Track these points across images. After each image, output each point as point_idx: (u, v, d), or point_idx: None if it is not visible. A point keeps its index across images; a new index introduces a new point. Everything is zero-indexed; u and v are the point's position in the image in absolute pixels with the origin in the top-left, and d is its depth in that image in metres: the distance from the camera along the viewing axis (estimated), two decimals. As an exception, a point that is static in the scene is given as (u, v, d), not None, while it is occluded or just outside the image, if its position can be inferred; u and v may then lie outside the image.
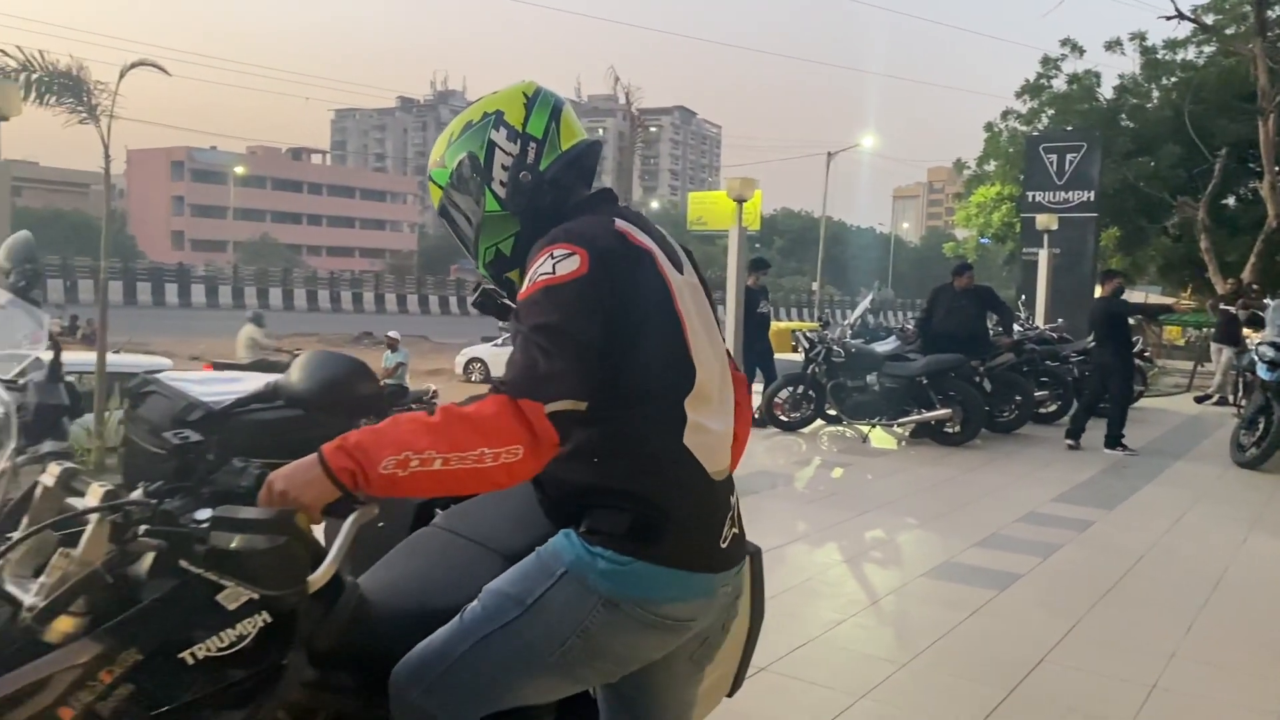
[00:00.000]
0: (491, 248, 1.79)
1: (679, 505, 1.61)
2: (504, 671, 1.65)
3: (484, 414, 1.43)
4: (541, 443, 1.45)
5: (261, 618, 1.48)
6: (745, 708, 2.95)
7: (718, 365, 1.74)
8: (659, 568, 1.60)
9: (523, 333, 1.51)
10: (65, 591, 1.30)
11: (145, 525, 1.32)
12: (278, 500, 1.34)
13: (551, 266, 1.55)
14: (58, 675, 1.28)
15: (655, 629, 1.64)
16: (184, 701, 1.39)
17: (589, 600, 1.59)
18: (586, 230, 1.61)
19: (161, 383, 1.52)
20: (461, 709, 1.66)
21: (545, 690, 1.73)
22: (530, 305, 1.53)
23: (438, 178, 1.81)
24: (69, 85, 6.86)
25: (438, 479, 1.40)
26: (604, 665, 1.68)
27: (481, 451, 1.41)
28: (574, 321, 1.51)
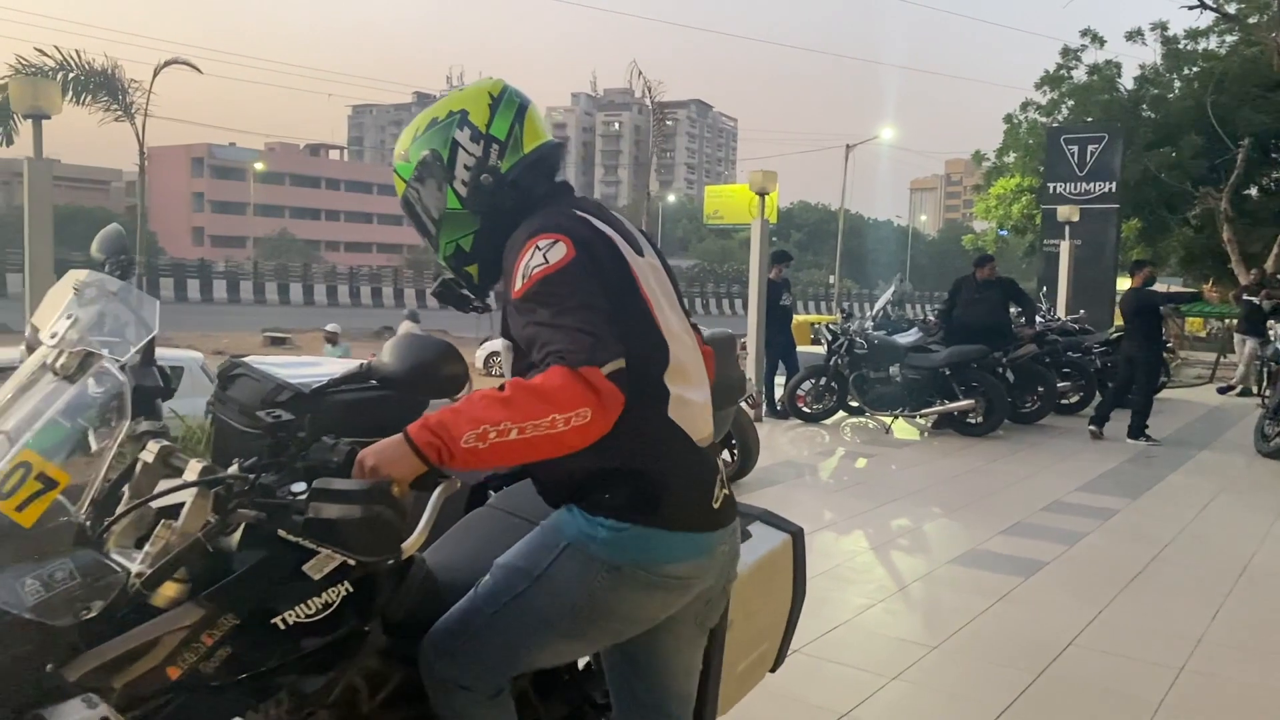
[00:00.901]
0: (452, 243, 1.84)
1: (671, 474, 1.70)
2: (519, 639, 1.74)
3: (550, 384, 1.51)
4: (608, 401, 1.53)
5: (344, 587, 1.57)
6: (781, 688, 3.04)
7: (688, 340, 1.82)
8: (657, 530, 1.69)
9: (545, 324, 1.58)
10: (169, 560, 1.39)
11: (243, 498, 1.41)
12: (369, 474, 1.43)
13: (543, 257, 1.62)
14: (165, 637, 1.38)
15: (658, 589, 1.72)
16: (276, 664, 1.49)
17: (593, 567, 1.68)
18: (561, 220, 1.70)
19: (250, 366, 1.61)
20: (483, 676, 1.76)
21: (560, 654, 1.83)
22: (538, 296, 1.60)
23: (401, 171, 1.85)
24: (104, 84, 6.99)
25: (516, 448, 1.48)
26: (612, 626, 1.76)
27: (553, 418, 1.49)
28: (587, 296, 1.60)
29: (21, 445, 1.28)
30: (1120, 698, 3.46)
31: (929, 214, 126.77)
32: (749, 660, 2.34)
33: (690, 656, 1.96)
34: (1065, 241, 13.83)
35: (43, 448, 1.28)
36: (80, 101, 6.69)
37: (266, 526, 1.40)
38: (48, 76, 6.50)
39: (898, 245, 73.75)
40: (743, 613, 2.21)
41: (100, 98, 6.98)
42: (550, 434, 1.49)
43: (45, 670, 1.25)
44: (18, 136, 7.26)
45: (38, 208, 5.76)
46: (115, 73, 6.99)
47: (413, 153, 1.82)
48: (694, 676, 1.99)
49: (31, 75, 6.90)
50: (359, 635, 1.59)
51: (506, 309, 1.71)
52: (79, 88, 6.59)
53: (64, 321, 1.38)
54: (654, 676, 1.93)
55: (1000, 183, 23.38)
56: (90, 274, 1.47)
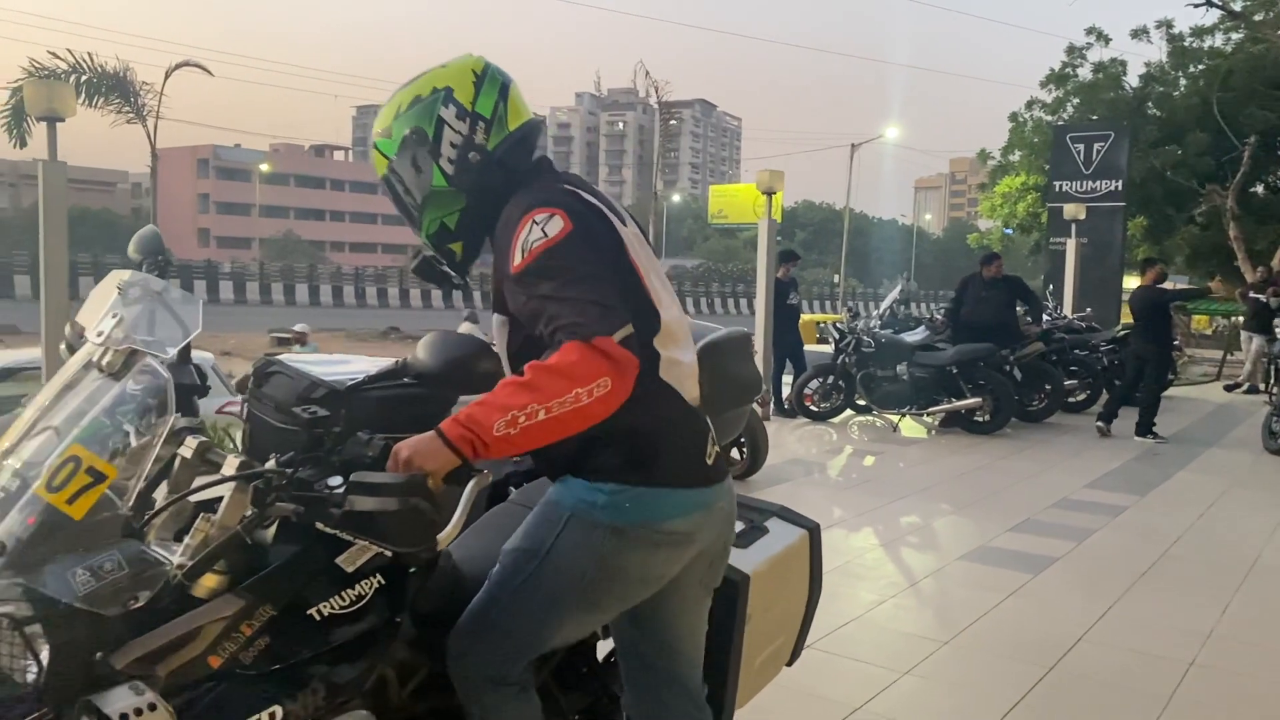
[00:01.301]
0: (436, 221, 1.84)
1: (666, 433, 1.75)
2: (538, 618, 1.78)
3: (567, 360, 1.54)
4: (624, 368, 1.57)
5: (376, 579, 1.61)
6: (795, 682, 3.08)
7: (675, 304, 1.86)
8: (656, 489, 1.73)
9: (550, 297, 1.61)
10: (209, 552, 1.43)
11: (281, 491, 1.45)
12: (403, 468, 1.47)
13: (541, 231, 1.64)
14: (207, 627, 1.42)
15: (663, 546, 1.77)
16: (311, 654, 1.53)
17: (597, 533, 1.72)
18: (553, 194, 1.72)
19: (284, 364, 1.65)
20: (510, 661, 1.79)
21: (578, 626, 1.86)
22: (541, 271, 1.62)
23: (384, 148, 1.84)
24: (116, 86, 7.04)
25: (546, 427, 1.52)
26: (624, 590, 1.80)
27: (576, 393, 1.53)
28: (590, 265, 1.64)
29: (70, 440, 1.32)
30: (1131, 692, 3.49)
31: (933, 213, 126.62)
32: (766, 654, 2.37)
33: (697, 618, 1.99)
34: (1071, 240, 13.84)
35: (90, 443, 1.32)
36: (93, 104, 6.76)
37: (304, 519, 1.44)
38: (61, 79, 6.56)
39: (902, 244, 73.72)
40: (760, 607, 2.24)
41: (112, 100, 7.05)
42: (576, 408, 1.52)
43: (95, 658, 1.29)
44: (31, 139, 7.33)
45: (52, 210, 5.80)
46: (127, 75, 7.06)
47: (395, 129, 1.81)
48: (701, 639, 2.02)
49: (45, 78, 6.95)
50: (391, 626, 1.63)
51: (502, 285, 1.73)
52: (91, 90, 6.65)
53: (109, 320, 1.42)
54: (663, 642, 1.96)
55: (1005, 181, 23.36)
56: (134, 274, 1.51)
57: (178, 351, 1.58)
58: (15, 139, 7.44)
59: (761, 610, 2.25)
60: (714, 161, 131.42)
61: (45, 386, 1.45)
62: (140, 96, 7.06)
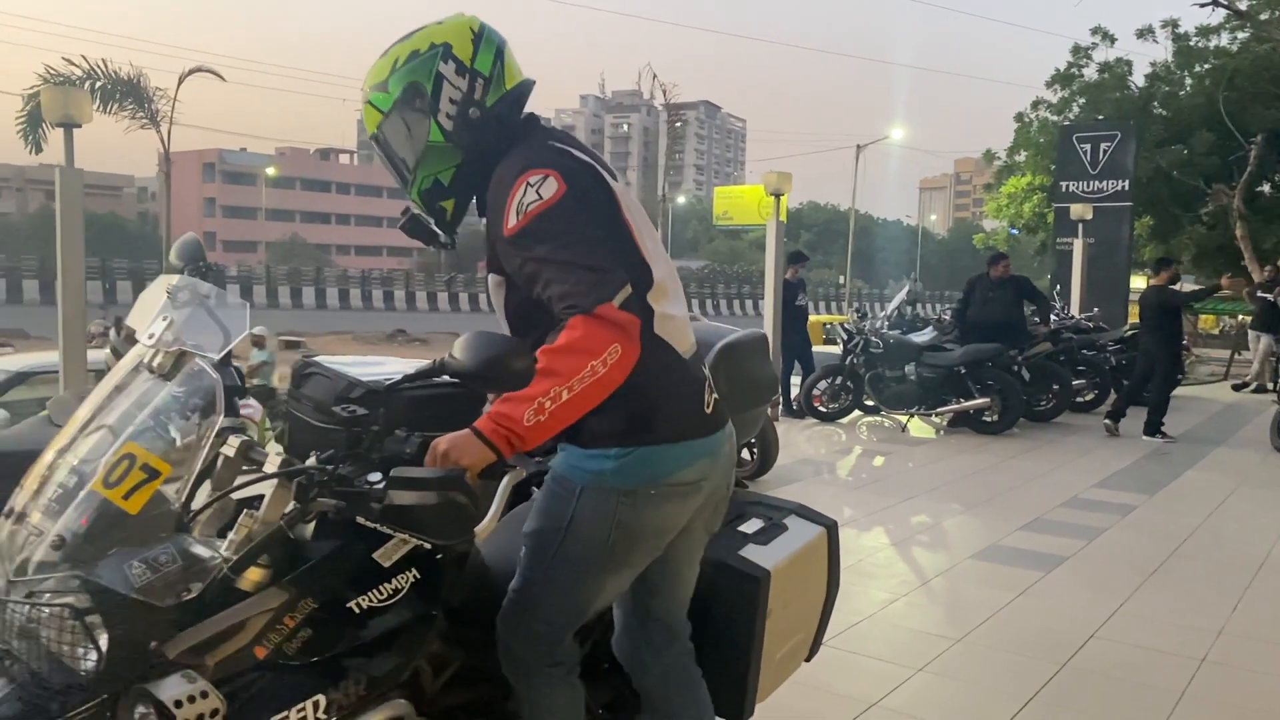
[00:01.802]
0: (430, 177, 1.84)
1: (663, 388, 1.78)
2: (572, 589, 1.83)
3: (575, 337, 1.60)
4: (630, 330, 1.63)
5: (412, 574, 1.66)
6: (811, 679, 3.11)
7: (664, 259, 1.89)
8: (660, 446, 1.78)
9: (546, 260, 1.65)
10: (255, 546, 1.48)
11: (323, 487, 1.49)
12: (441, 463, 1.52)
13: (536, 194, 1.67)
14: (253, 618, 1.47)
15: (675, 498, 1.83)
16: (351, 646, 1.58)
17: (611, 499, 1.77)
18: (546, 154, 1.75)
19: (322, 365, 1.71)
20: (554, 637, 1.86)
21: (612, 588, 1.91)
22: (536, 233, 1.67)
23: (379, 103, 1.83)
24: (130, 92, 7.11)
25: (572, 405, 1.58)
26: (646, 545, 1.86)
27: (592, 366, 1.59)
28: (584, 228, 1.68)
29: (125, 438, 1.37)
30: (1143, 688, 3.53)
31: (938, 213, 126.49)
32: (786, 648, 2.41)
33: (695, 561, 2.06)
34: (1078, 240, 13.85)
35: (143, 441, 1.37)
36: (107, 110, 6.82)
37: (346, 514, 1.48)
38: (76, 85, 6.63)
39: (907, 245, 73.63)
40: (780, 603, 2.28)
41: (126, 106, 7.11)
42: (595, 380, 1.58)
43: (150, 647, 1.34)
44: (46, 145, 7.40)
45: (69, 216, 5.86)
46: (140, 81, 7.13)
47: (392, 84, 1.80)
48: (693, 580, 2.08)
49: (60, 84, 7.02)
50: (426, 619, 1.68)
51: (496, 245, 1.76)
52: (106, 96, 6.72)
53: (160, 323, 1.47)
54: (659, 584, 2.01)
55: (1011, 181, 23.36)
56: (182, 278, 1.56)
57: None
58: (31, 145, 7.52)
59: (782, 606, 2.29)
60: (718, 163, 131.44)
61: (97, 387, 1.50)
62: (153, 102, 7.14)
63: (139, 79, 6.89)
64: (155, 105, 6.90)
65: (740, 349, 2.57)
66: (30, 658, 1.31)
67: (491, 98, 1.82)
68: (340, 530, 1.61)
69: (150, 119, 6.90)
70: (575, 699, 1.90)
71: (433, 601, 1.69)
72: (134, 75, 6.83)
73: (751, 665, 2.23)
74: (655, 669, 2.05)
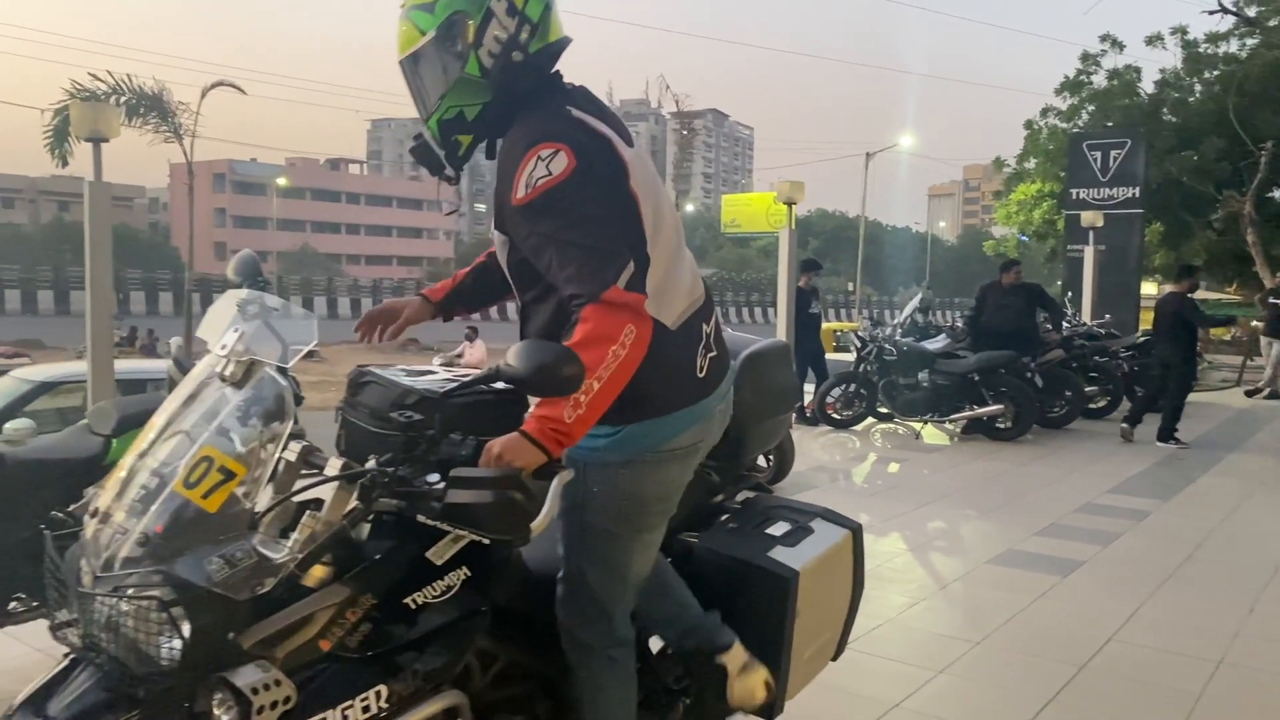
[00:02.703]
0: (455, 109, 1.83)
1: (650, 366, 1.77)
2: (605, 562, 1.93)
3: (589, 328, 1.67)
4: (637, 308, 1.70)
5: (463, 571, 1.74)
6: (833, 681, 3.17)
7: (671, 221, 1.91)
8: (650, 421, 1.85)
9: (551, 237, 1.71)
10: (320, 545, 1.56)
11: (384, 488, 1.58)
12: (495, 464, 1.60)
13: (546, 169, 1.71)
14: (318, 613, 1.55)
15: (674, 462, 1.91)
16: (409, 640, 1.65)
17: (610, 471, 1.86)
18: (558, 126, 1.77)
19: (376, 374, 1.79)
20: (610, 611, 1.95)
21: (640, 556, 1.99)
22: (543, 209, 1.71)
23: (420, 22, 1.79)
24: (153, 106, 7.23)
25: (606, 391, 1.66)
26: (657, 507, 1.95)
27: (613, 351, 1.66)
28: (588, 207, 1.72)
29: (202, 442, 1.46)
30: (1161, 689, 3.58)
31: (947, 220, 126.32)
32: (814, 647, 2.48)
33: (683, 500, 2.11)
34: (1089, 247, 13.89)
35: (219, 444, 1.45)
36: (131, 124, 6.96)
37: (407, 513, 1.56)
38: (102, 100, 6.76)
39: (916, 251, 73.57)
40: (808, 603, 2.35)
41: (149, 119, 7.27)
42: (619, 363, 1.66)
43: (227, 638, 1.42)
44: (72, 159, 7.56)
45: (98, 229, 5.96)
46: (163, 95, 7.29)
47: (440, 7, 1.78)
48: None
49: (86, 99, 7.15)
50: (476, 615, 1.76)
51: (504, 208, 1.79)
52: (130, 111, 6.87)
53: (231, 334, 1.56)
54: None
55: (1021, 188, 23.41)
56: (251, 293, 1.64)
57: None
58: (57, 159, 7.66)
59: (810, 606, 2.36)
60: (726, 171, 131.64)
61: (170, 395, 1.59)
62: (176, 116, 7.30)
63: (162, 93, 7.07)
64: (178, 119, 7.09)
65: (765, 358, 2.64)
66: (116, 648, 1.40)
67: (535, 45, 1.82)
68: (394, 531, 1.69)
69: (174, 133, 7.06)
70: (630, 688, 1.99)
71: (482, 598, 1.77)
72: (157, 89, 7.01)
73: (782, 663, 2.30)
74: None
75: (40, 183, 72.19)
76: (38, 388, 8.24)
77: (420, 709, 1.65)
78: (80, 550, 1.47)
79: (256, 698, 1.39)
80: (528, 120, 1.79)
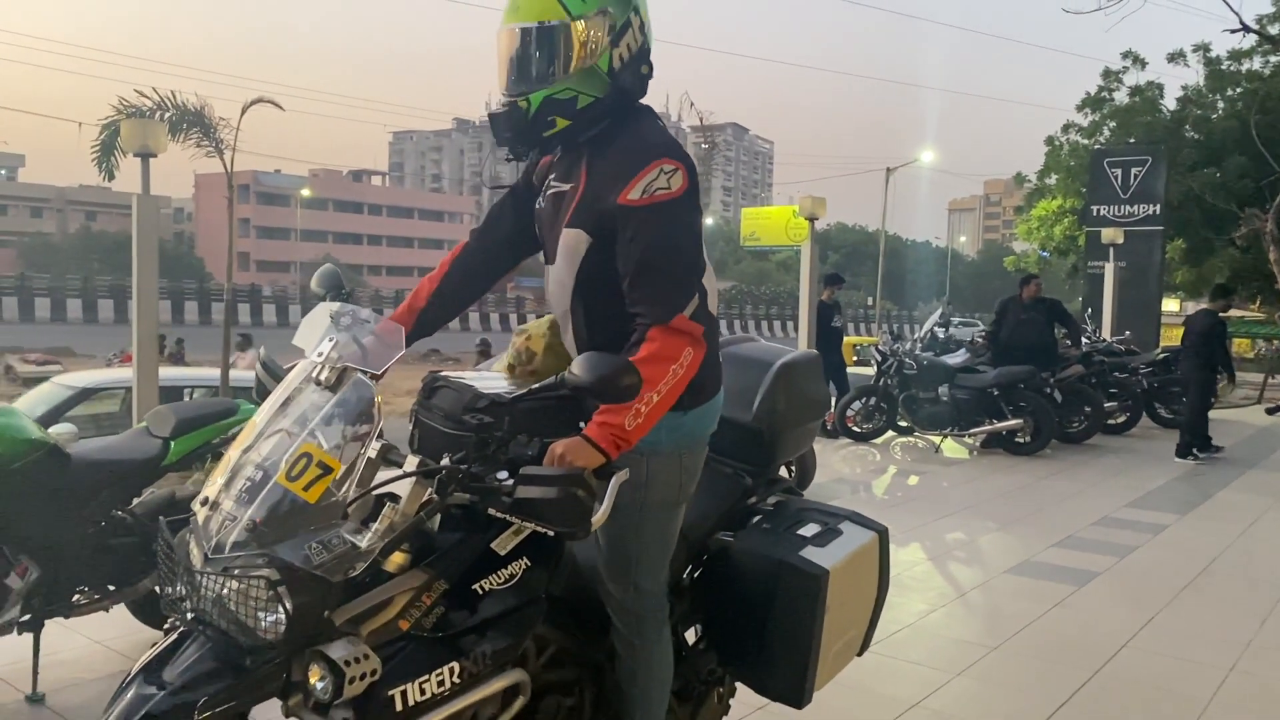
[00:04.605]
0: (572, 92, 1.93)
1: (709, 356, 2.02)
2: (658, 536, 2.15)
3: (655, 348, 1.87)
4: (697, 335, 1.92)
5: (524, 562, 1.91)
6: (855, 681, 3.35)
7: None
8: (703, 406, 2.10)
9: (650, 247, 1.88)
10: (397, 535, 1.73)
11: (459, 484, 1.74)
12: (559, 463, 1.76)
13: (666, 181, 1.88)
14: (397, 596, 1.72)
15: (709, 438, 2.18)
16: (476, 622, 1.82)
17: (675, 454, 2.08)
18: (680, 147, 1.98)
19: (449, 379, 1.96)
20: (657, 588, 2.18)
21: (675, 528, 2.21)
22: (648, 218, 1.87)
23: (571, 3, 1.88)
24: (195, 122, 7.48)
25: (662, 404, 1.88)
26: (695, 482, 2.19)
27: (672, 369, 1.88)
28: (686, 232, 1.93)
29: (302, 440, 1.63)
30: (1172, 694, 3.70)
31: (968, 235, 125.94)
32: (842, 643, 2.63)
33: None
34: (1109, 264, 13.97)
35: (317, 442, 1.63)
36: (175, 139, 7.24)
37: (479, 506, 1.73)
38: (148, 116, 7.03)
39: (936, 266, 73.43)
40: (837, 600, 2.50)
41: (192, 135, 7.56)
42: (675, 380, 1.88)
43: (322, 615, 1.59)
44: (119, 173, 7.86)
45: (145, 241, 6.20)
46: (204, 111, 7.57)
47: (591, 2, 1.90)
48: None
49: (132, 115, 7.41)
50: (536, 601, 1.92)
51: (598, 205, 1.93)
52: (173, 127, 7.15)
53: (326, 343, 1.73)
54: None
55: (1042, 204, 23.46)
56: (342, 305, 1.82)
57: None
58: (104, 172, 7.96)
59: (838, 603, 2.51)
60: (746, 184, 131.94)
61: (268, 400, 1.76)
62: (217, 131, 7.60)
63: (203, 109, 7.34)
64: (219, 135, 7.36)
65: (797, 368, 2.81)
66: (224, 622, 1.57)
67: (646, 67, 2.02)
68: (460, 524, 1.86)
69: (215, 148, 7.33)
70: (669, 667, 2.19)
71: (540, 586, 1.94)
72: (199, 105, 7.29)
73: (811, 656, 2.45)
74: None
75: (68, 192, 73.25)
76: (79, 394, 8.50)
77: (487, 685, 1.81)
78: (191, 534, 1.64)
79: (349, 669, 1.56)
80: (648, 132, 1.97)
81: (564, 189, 2.04)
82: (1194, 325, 9.16)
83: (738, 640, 2.53)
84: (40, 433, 3.48)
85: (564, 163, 2.08)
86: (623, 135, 1.98)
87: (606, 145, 1.99)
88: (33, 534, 3.34)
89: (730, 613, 2.52)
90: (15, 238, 62.51)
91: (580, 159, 2.03)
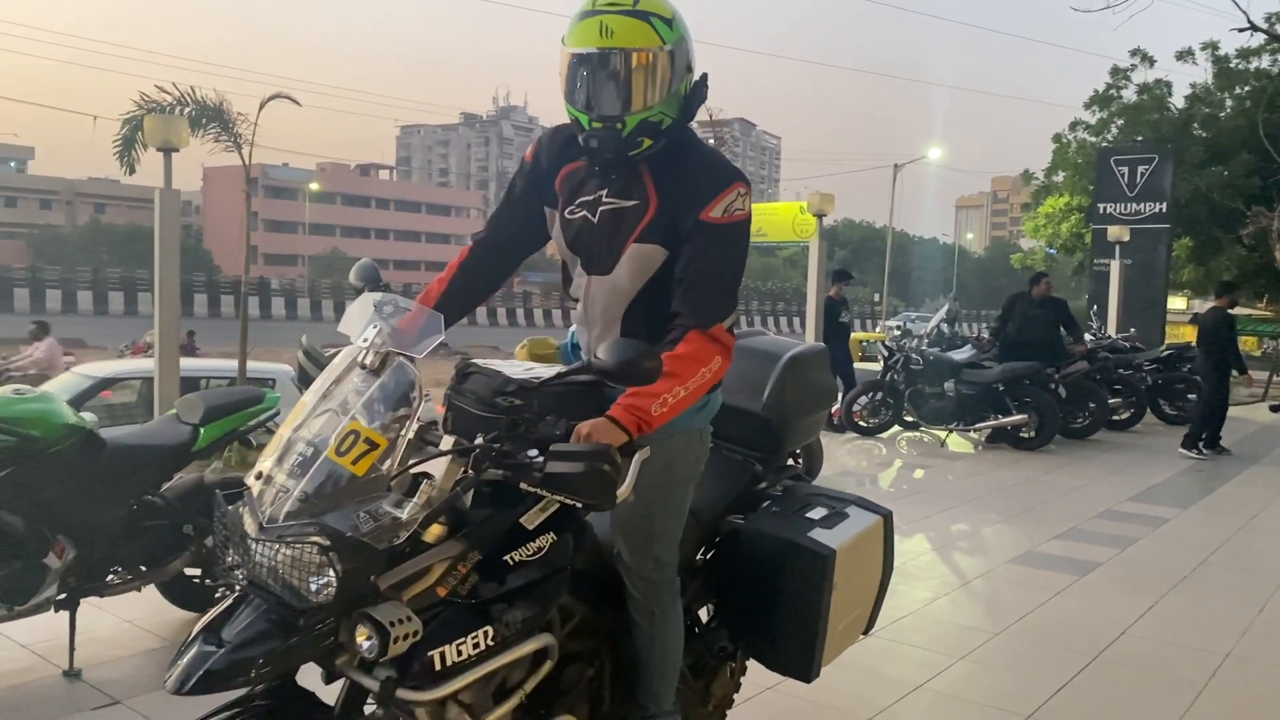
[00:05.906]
0: (661, 114, 2.10)
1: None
2: (678, 510, 2.31)
3: (691, 349, 2.06)
4: (729, 345, 2.13)
5: (550, 535, 2.03)
6: (861, 663, 3.48)
7: None
8: (719, 390, 2.28)
9: (717, 259, 2.09)
10: (434, 509, 1.85)
11: (492, 461, 1.87)
12: (585, 441, 1.88)
13: (743, 204, 2.13)
14: (435, 565, 1.84)
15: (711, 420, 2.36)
16: (507, 590, 1.95)
17: (698, 433, 2.28)
18: (740, 170, 2.20)
19: (480, 365, 2.09)
20: (672, 559, 2.32)
21: (690, 499, 2.36)
22: (722, 235, 2.10)
23: (662, 31, 2.04)
24: (215, 117, 7.60)
25: (686, 399, 2.04)
26: (707, 456, 2.36)
27: (702, 371, 2.06)
28: (743, 253, 2.17)
29: (349, 418, 1.75)
30: (1168, 678, 3.82)
31: (975, 232, 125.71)
32: (848, 620, 2.75)
33: None
34: (1116, 261, 14.04)
35: (363, 420, 1.75)
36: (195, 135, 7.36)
37: (512, 481, 1.86)
38: (168, 111, 7.17)
39: (943, 263, 73.41)
40: (844, 579, 2.63)
41: (210, 130, 7.70)
42: (703, 381, 2.07)
43: (369, 580, 1.71)
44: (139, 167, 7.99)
45: (167, 234, 6.33)
46: (224, 106, 7.71)
47: (675, 28, 2.07)
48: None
49: (153, 110, 7.55)
50: (561, 573, 2.05)
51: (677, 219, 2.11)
52: (193, 122, 7.28)
53: (371, 330, 1.86)
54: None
55: (1049, 202, 23.50)
56: (387, 295, 1.95)
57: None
58: (125, 166, 8.11)
59: (845, 582, 2.63)
60: (753, 180, 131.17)
61: (315, 381, 1.89)
62: (235, 126, 7.74)
63: (222, 104, 7.45)
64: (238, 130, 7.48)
65: (805, 360, 2.93)
66: (278, 586, 1.69)
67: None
68: (491, 500, 1.99)
69: (234, 143, 7.45)
70: (680, 637, 2.35)
71: (565, 559, 2.06)
72: (217, 100, 7.41)
73: (819, 632, 2.58)
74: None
75: (77, 185, 73.56)
76: (99, 383, 8.67)
77: (519, 648, 1.94)
78: (245, 506, 1.76)
79: (393, 629, 1.68)
80: (711, 153, 2.20)
81: (626, 205, 2.17)
82: (1205, 323, 9.27)
83: (749, 617, 2.65)
84: (76, 418, 3.61)
85: (614, 179, 2.19)
86: (688, 154, 2.18)
87: (671, 164, 2.16)
88: (70, 515, 3.47)
89: (742, 591, 2.64)
90: (25, 230, 62.77)
91: (639, 176, 2.17)
